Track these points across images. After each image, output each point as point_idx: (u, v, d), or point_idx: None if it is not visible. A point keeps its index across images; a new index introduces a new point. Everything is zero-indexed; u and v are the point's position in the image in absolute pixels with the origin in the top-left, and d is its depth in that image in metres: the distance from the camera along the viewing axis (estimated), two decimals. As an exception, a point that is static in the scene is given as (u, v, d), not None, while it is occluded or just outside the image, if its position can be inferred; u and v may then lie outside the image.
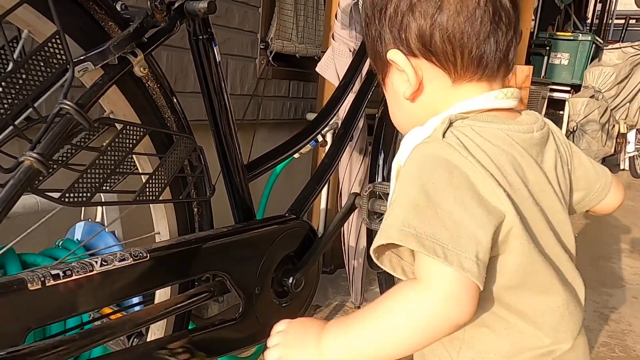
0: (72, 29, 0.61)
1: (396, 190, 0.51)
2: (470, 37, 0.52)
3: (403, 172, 0.51)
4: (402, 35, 0.54)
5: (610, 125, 4.18)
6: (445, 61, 0.53)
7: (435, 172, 0.48)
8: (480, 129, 0.52)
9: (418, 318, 0.46)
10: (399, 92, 0.58)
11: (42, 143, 0.54)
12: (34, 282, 0.53)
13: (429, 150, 0.51)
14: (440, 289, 0.46)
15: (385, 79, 0.60)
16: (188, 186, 0.79)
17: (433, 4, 0.52)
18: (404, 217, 0.47)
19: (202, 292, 0.78)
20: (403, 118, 0.61)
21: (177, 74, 1.51)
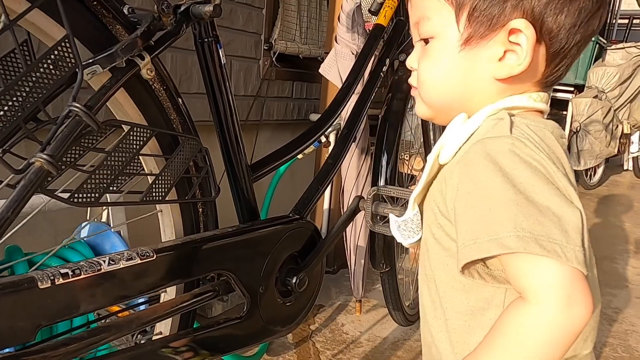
0: (81, 32, 0.63)
1: (472, 194, 0.47)
2: (577, 43, 0.51)
3: (474, 172, 0.47)
4: (550, 18, 0.49)
5: (613, 125, 4.18)
6: (555, 59, 0.52)
7: (518, 169, 0.45)
8: (535, 128, 0.50)
9: (549, 336, 0.42)
10: (482, 65, 0.52)
11: (52, 144, 0.55)
12: (44, 281, 0.55)
13: (501, 146, 0.47)
14: (561, 295, 0.42)
15: (473, 39, 0.51)
16: (193, 187, 0.80)
17: (593, 7, 0.50)
18: (515, 221, 0.43)
19: (207, 291, 0.79)
20: (451, 88, 0.54)
21: (182, 75, 1.52)
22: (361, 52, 1.25)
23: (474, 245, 0.45)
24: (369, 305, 1.77)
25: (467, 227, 0.46)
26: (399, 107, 1.32)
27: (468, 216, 0.47)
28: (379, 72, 1.25)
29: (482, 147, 0.48)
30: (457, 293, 0.53)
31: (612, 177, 4.88)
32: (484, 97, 0.53)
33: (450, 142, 0.52)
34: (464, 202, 0.48)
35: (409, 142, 1.69)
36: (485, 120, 0.52)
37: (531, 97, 0.53)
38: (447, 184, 0.52)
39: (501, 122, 0.49)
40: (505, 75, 0.51)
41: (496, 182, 0.45)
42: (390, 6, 1.27)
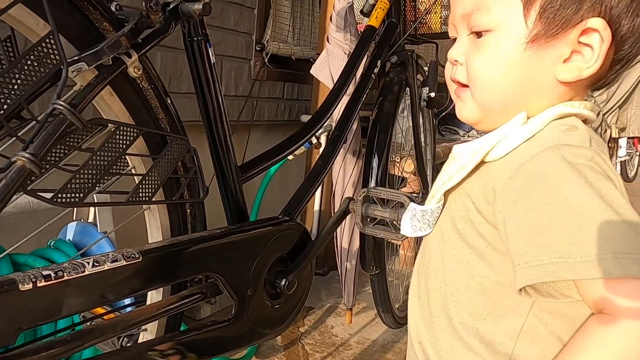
0: (66, 29, 0.61)
1: (549, 204, 0.42)
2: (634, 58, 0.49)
3: (553, 180, 0.43)
4: (626, 21, 0.47)
5: (602, 129, 4.22)
6: (619, 63, 0.50)
7: (603, 183, 0.42)
8: (599, 141, 0.48)
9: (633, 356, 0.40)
10: (547, 65, 0.49)
11: (35, 143, 0.54)
12: (25, 283, 0.53)
13: (582, 157, 0.44)
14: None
15: (541, 38, 0.48)
16: (181, 187, 0.79)
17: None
18: (611, 241, 0.39)
19: (194, 294, 0.78)
20: (511, 87, 0.50)
21: (172, 75, 1.51)
22: (352, 54, 1.25)
23: (564, 264, 0.41)
24: (359, 308, 1.76)
25: (549, 244, 0.42)
26: (390, 109, 1.32)
27: (551, 230, 0.42)
28: (371, 74, 1.25)
29: (561, 154, 0.44)
30: (474, 294, 0.51)
31: (600, 180, 4.93)
32: (544, 100, 0.50)
33: (507, 141, 0.49)
34: (540, 214, 0.43)
35: (400, 144, 1.69)
36: (551, 124, 0.48)
37: (582, 105, 0.50)
38: (501, 189, 0.47)
39: (577, 131, 0.46)
40: (572, 78, 0.48)
41: (583, 195, 0.41)
42: (382, 8, 1.27)
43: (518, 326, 0.49)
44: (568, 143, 0.45)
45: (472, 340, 0.51)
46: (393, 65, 1.38)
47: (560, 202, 0.42)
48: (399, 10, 1.39)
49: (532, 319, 0.49)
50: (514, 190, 0.46)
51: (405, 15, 1.42)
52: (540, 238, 0.42)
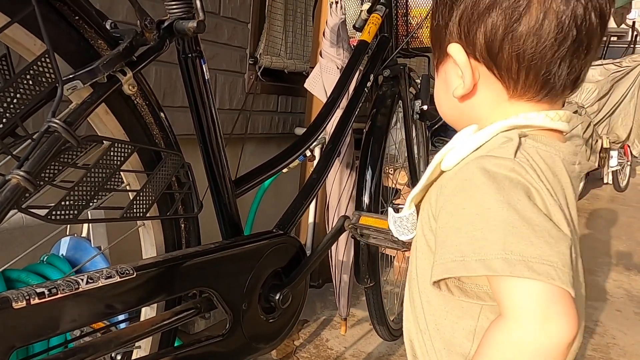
0: (61, 47, 0.62)
1: (465, 209, 0.46)
2: (542, 60, 0.47)
3: (471, 187, 0.46)
4: (470, 35, 0.50)
5: (593, 140, 4.26)
6: (507, 78, 0.50)
7: (516, 191, 0.44)
8: (545, 154, 0.49)
9: (529, 355, 0.41)
10: (448, 85, 0.54)
11: (29, 161, 0.54)
12: (19, 301, 0.53)
13: (502, 168, 0.46)
14: (538, 313, 0.41)
15: (439, 66, 0.56)
16: (175, 202, 0.79)
17: (512, 12, 0.47)
18: (504, 243, 0.42)
19: (188, 309, 0.78)
20: (448, 109, 0.58)
21: (166, 89, 1.52)
22: (346, 68, 1.26)
23: (462, 262, 0.44)
24: (354, 320, 1.76)
25: (456, 244, 0.45)
26: (383, 121, 1.33)
27: (460, 232, 0.46)
28: (364, 87, 1.26)
29: (483, 165, 0.47)
30: (437, 298, 0.54)
31: (592, 190, 4.97)
32: (487, 118, 0.52)
33: (456, 151, 0.51)
34: (456, 217, 0.47)
35: (393, 156, 1.70)
36: (497, 136, 0.50)
37: (548, 116, 0.50)
38: (442, 192, 0.51)
39: (509, 143, 0.48)
40: (458, 94, 0.53)
41: (492, 202, 0.44)
42: (374, 23, 1.29)
43: (472, 328, 0.51)
44: (493, 154, 0.47)
45: (440, 343, 0.54)
46: (386, 78, 1.40)
47: (472, 208, 0.45)
48: (391, 25, 1.41)
49: (483, 320, 0.51)
50: (444, 197, 0.49)
51: (397, 30, 1.44)
52: (450, 240, 0.46)
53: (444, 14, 0.52)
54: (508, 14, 0.47)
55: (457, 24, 0.50)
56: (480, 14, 0.48)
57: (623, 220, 3.85)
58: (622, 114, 4.23)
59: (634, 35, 5.51)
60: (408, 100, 1.46)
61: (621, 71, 4.09)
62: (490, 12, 0.48)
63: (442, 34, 0.53)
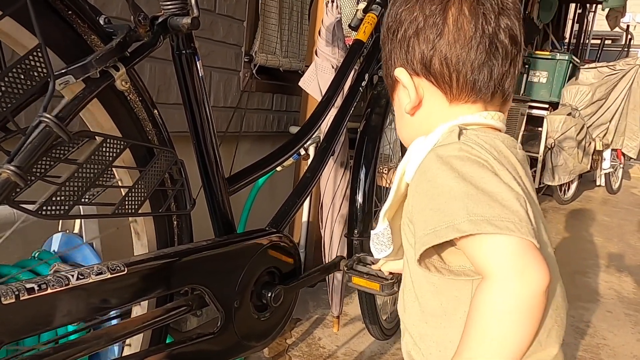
0: (54, 41, 0.61)
1: (429, 193, 0.52)
2: (465, 64, 0.57)
3: (430, 175, 0.53)
4: (407, 56, 0.60)
5: (586, 142, 4.29)
6: (443, 83, 0.59)
7: (466, 165, 0.51)
8: (485, 137, 0.56)
9: (513, 305, 0.46)
10: (401, 106, 0.64)
11: (20, 155, 0.54)
12: (8, 296, 0.53)
13: (451, 150, 0.53)
14: (514, 265, 0.46)
15: (393, 95, 0.67)
16: (168, 199, 0.79)
17: (434, 31, 0.58)
18: (466, 208, 0.48)
19: (180, 306, 0.78)
20: (405, 131, 0.66)
21: (160, 86, 1.51)
22: (341, 67, 1.26)
23: (433, 233, 0.50)
24: (346, 319, 1.76)
25: (425, 219, 0.51)
26: (377, 121, 1.33)
27: (426, 211, 0.52)
28: (358, 87, 1.26)
29: (434, 153, 0.54)
30: (432, 296, 0.57)
31: (585, 192, 5.00)
32: (435, 125, 0.60)
33: (413, 160, 0.58)
34: (422, 201, 0.53)
35: (388, 156, 1.70)
36: (442, 135, 0.58)
37: (482, 115, 0.59)
38: (411, 193, 0.57)
39: (451, 133, 0.56)
40: (408, 109, 0.62)
41: (449, 179, 0.51)
42: (369, 22, 1.29)
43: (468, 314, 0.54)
44: (442, 143, 0.56)
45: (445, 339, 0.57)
46: (381, 78, 1.40)
47: (434, 188, 0.52)
48: (387, 24, 1.41)
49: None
50: (412, 191, 0.56)
51: (393, 30, 1.44)
52: (421, 219, 0.53)
53: (387, 47, 0.64)
54: (431, 33, 0.58)
55: (397, 51, 0.62)
56: (412, 39, 0.60)
57: (615, 222, 3.88)
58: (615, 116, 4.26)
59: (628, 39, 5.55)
60: (403, 100, 1.46)
61: (615, 74, 4.11)
62: (419, 35, 0.59)
63: (389, 64, 0.64)
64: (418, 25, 0.59)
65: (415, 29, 0.59)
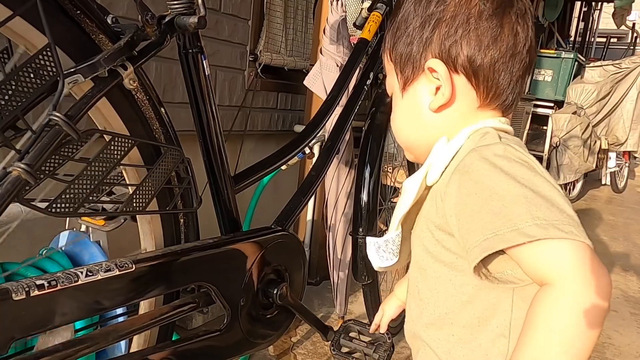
0: (63, 41, 0.62)
1: (479, 195, 0.49)
2: (510, 72, 0.56)
3: (476, 176, 0.50)
4: (452, 50, 0.56)
5: (592, 141, 4.27)
6: (484, 87, 0.57)
7: (515, 167, 0.49)
8: (512, 140, 0.55)
9: (585, 313, 0.43)
10: (421, 102, 0.59)
11: (30, 154, 0.55)
12: (19, 293, 0.54)
13: (496, 151, 0.51)
14: (586, 271, 0.44)
15: (407, 84, 0.61)
16: (175, 197, 0.80)
17: (490, 34, 0.55)
18: (529, 212, 0.45)
19: (187, 303, 0.79)
20: (411, 129, 0.62)
21: (166, 85, 1.52)
22: (346, 65, 1.26)
23: (496, 237, 0.47)
24: (351, 317, 1.76)
25: (482, 224, 0.48)
26: (382, 120, 1.34)
27: (482, 214, 0.48)
28: (363, 85, 1.26)
29: (478, 154, 0.51)
30: (463, 306, 0.55)
31: (590, 191, 4.98)
32: (459, 125, 0.58)
33: (437, 163, 0.56)
34: (472, 204, 0.50)
35: (392, 155, 1.70)
36: (469, 137, 0.56)
37: (500, 120, 0.58)
38: (444, 198, 0.54)
39: (488, 134, 0.54)
40: (436, 106, 0.58)
41: (502, 182, 0.48)
42: (374, 21, 1.29)
43: (507, 322, 0.52)
44: (482, 144, 0.53)
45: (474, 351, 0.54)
46: (385, 76, 1.40)
47: (484, 191, 0.49)
48: (392, 23, 1.41)
49: (517, 312, 0.52)
50: (452, 194, 0.52)
51: (398, 28, 1.44)
52: (475, 223, 0.49)
53: (420, 31, 0.58)
54: (486, 36, 0.55)
55: (439, 41, 0.57)
56: (463, 33, 0.56)
57: (620, 221, 3.86)
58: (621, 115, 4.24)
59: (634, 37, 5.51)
60: (407, 99, 1.46)
61: (620, 72, 4.09)
62: (470, 33, 0.55)
63: (417, 49, 0.58)
64: (473, 22, 0.55)
65: (467, 26, 0.55)
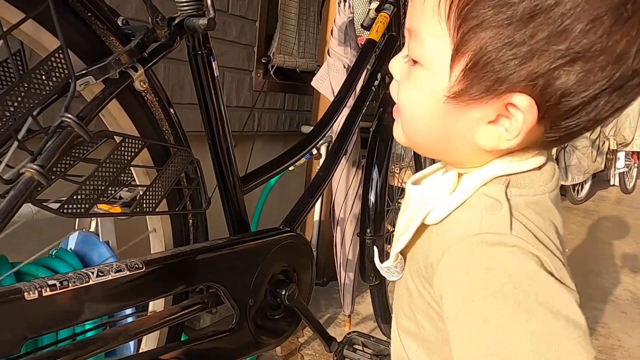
0: (74, 43, 0.63)
1: (478, 314, 0.39)
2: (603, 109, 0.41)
3: (477, 286, 0.40)
4: (546, 84, 0.39)
5: (600, 141, 4.24)
6: (559, 130, 0.42)
7: (531, 283, 0.39)
8: (537, 208, 0.43)
9: None
10: (470, 124, 0.43)
11: (42, 155, 0.55)
12: (31, 292, 0.54)
13: (502, 259, 0.40)
14: None
15: (463, 97, 0.42)
16: (184, 198, 0.80)
17: (614, 66, 0.38)
18: (533, 352, 0.37)
19: (196, 304, 0.79)
20: (427, 129, 0.46)
21: (174, 86, 1.53)
22: (353, 66, 1.26)
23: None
24: (358, 318, 1.76)
25: (474, 344, 0.40)
26: (389, 121, 1.33)
27: (475, 336, 0.40)
28: (371, 86, 1.26)
29: (482, 256, 0.41)
30: (444, 345, 0.48)
31: (598, 192, 4.94)
32: (470, 153, 0.46)
33: (439, 208, 0.46)
34: (465, 317, 0.41)
35: (400, 156, 1.70)
36: (479, 192, 0.44)
37: (531, 162, 0.45)
38: (435, 265, 0.45)
39: (499, 210, 0.42)
40: (489, 146, 0.43)
41: (505, 308, 0.38)
42: (382, 22, 1.29)
43: None
44: (487, 231, 0.41)
45: None
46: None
47: (481, 311, 0.40)
48: (399, 24, 1.41)
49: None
50: (444, 284, 0.43)
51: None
52: (468, 338, 0.41)
53: (522, 51, 0.38)
54: (612, 70, 0.38)
55: (533, 74, 0.39)
56: (565, 64, 0.38)
57: (629, 222, 3.83)
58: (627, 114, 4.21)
59: (643, 37, 5.45)
60: (415, 100, 1.46)
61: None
62: (577, 62, 0.38)
63: (508, 73, 0.39)
64: (599, 42, 0.37)
65: (573, 55, 0.37)
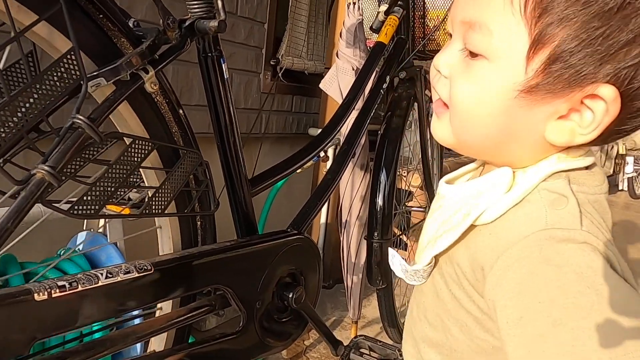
0: (86, 45, 0.63)
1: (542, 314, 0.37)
2: None
3: (548, 287, 0.38)
4: (634, 76, 0.38)
5: (609, 146, 4.22)
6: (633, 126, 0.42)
7: (603, 282, 0.37)
8: (597, 205, 0.43)
9: None
10: (540, 119, 0.42)
11: (54, 156, 0.55)
12: (41, 293, 0.54)
13: (573, 257, 0.38)
14: None
15: (539, 92, 0.40)
16: (193, 200, 0.80)
17: None
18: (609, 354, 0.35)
19: (203, 306, 0.79)
20: (487, 128, 0.44)
21: (183, 87, 1.53)
22: (362, 69, 1.26)
23: None
24: (364, 321, 1.75)
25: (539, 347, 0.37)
26: (398, 124, 1.33)
27: (542, 345, 0.37)
28: (379, 89, 1.26)
29: (550, 253, 0.39)
30: (478, 356, 0.47)
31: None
32: (531, 151, 0.44)
33: (495, 207, 0.44)
34: (530, 320, 0.38)
35: (408, 159, 1.69)
36: (539, 188, 0.43)
37: (583, 160, 0.45)
38: (488, 268, 0.42)
39: (566, 205, 0.41)
40: (562, 142, 0.42)
41: (577, 310, 0.37)
42: (391, 24, 1.29)
43: None
44: (555, 226, 0.40)
45: None
46: (401, 80, 1.39)
47: (551, 312, 0.38)
48: (408, 27, 1.41)
49: None
50: (502, 286, 0.41)
51: (414, 32, 1.44)
52: (529, 347, 0.38)
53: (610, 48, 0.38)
54: None
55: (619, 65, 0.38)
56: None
57: (638, 227, 3.79)
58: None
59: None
60: (423, 103, 1.45)
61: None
62: None
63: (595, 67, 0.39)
64: None
65: None
